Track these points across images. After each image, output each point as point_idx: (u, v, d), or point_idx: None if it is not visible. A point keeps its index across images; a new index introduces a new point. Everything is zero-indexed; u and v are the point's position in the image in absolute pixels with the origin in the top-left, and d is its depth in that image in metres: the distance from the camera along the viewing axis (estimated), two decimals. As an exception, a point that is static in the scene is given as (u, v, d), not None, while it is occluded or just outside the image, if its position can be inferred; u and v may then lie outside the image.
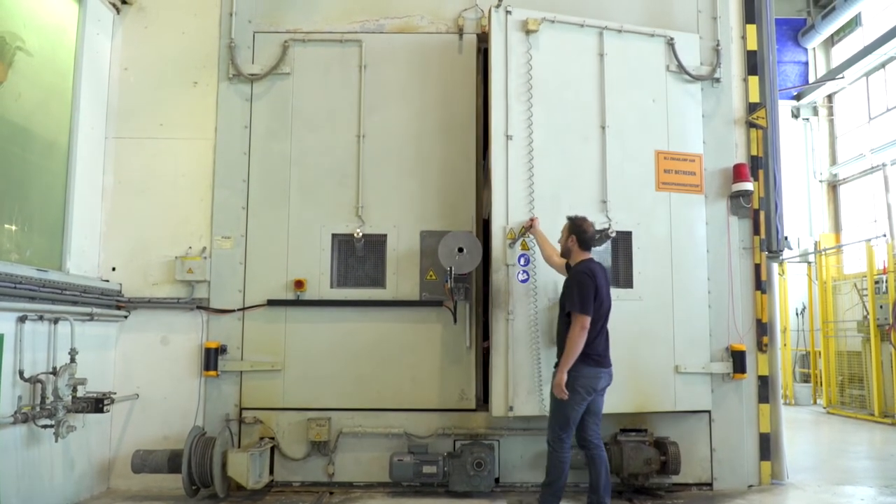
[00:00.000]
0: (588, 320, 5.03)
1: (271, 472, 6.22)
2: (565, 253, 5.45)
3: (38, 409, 4.99)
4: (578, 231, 5.34)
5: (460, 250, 6.13)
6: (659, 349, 6.21)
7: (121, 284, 6.37)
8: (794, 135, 16.97)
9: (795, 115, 17.25)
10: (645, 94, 6.50)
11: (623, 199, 6.29)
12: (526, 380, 5.81)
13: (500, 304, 5.87)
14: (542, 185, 6.06)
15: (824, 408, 13.23)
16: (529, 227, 5.80)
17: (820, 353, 14.03)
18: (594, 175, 6.26)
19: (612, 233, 6.17)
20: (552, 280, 5.89)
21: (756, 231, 6.63)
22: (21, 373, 4.91)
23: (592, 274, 5.16)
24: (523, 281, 5.92)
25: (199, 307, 6.36)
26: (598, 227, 5.85)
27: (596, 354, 5.14)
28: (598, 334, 5.17)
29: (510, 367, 5.79)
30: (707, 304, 6.43)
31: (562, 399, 5.05)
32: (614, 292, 5.59)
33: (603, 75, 6.36)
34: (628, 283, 6.26)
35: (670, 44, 6.57)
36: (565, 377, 5.03)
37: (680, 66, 6.57)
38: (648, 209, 6.36)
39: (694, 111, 6.66)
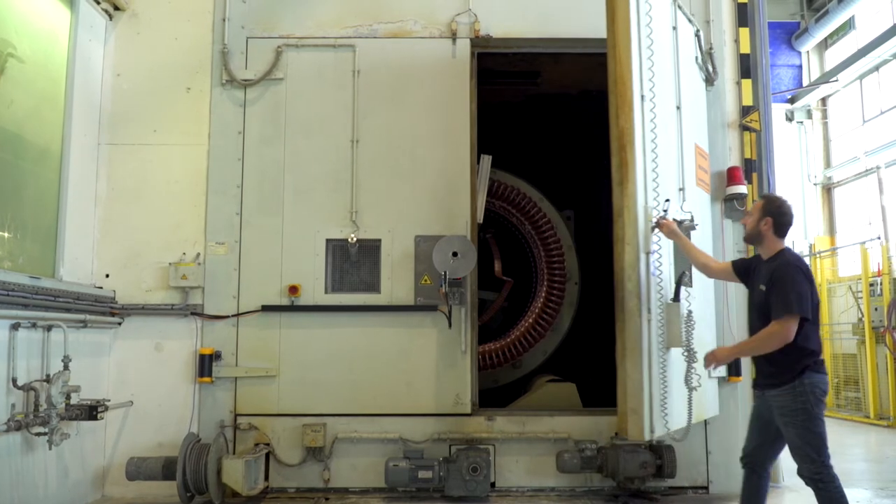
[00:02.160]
0: (794, 324, 4.15)
1: (266, 478, 6.19)
2: (752, 238, 4.53)
3: (31, 416, 4.95)
4: (777, 213, 4.40)
5: (455, 255, 6.13)
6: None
7: (114, 291, 6.35)
8: (789, 138, 17.02)
9: (789, 119, 17.30)
10: (687, 81, 6.04)
11: (687, 189, 5.79)
12: (658, 394, 4.97)
13: (644, 301, 4.93)
14: (662, 162, 5.21)
15: (820, 410, 13.23)
16: (662, 224, 4.94)
17: (816, 356, 14.03)
18: (675, 158, 5.64)
19: (696, 224, 5.42)
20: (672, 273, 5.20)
21: (750, 234, 6.62)
22: (14, 380, 4.88)
23: (807, 269, 4.32)
24: (651, 274, 5.04)
25: (193, 313, 6.34)
26: (678, 218, 5.25)
27: (821, 358, 4.32)
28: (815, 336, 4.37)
29: (653, 379, 4.91)
30: (713, 307, 6.39)
31: (805, 418, 4.16)
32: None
33: (677, 50, 5.78)
34: (689, 283, 5.58)
35: (697, 35, 6.43)
36: (734, 354, 4.56)
37: (702, 60, 6.47)
38: (692, 204, 5.93)
39: (704, 109, 6.55)
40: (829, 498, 4.14)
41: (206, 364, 6.21)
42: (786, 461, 6.68)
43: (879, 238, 12.95)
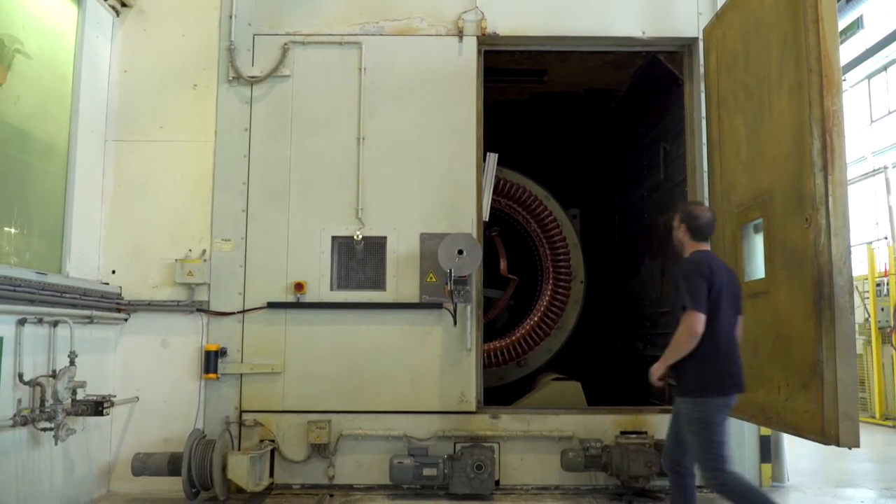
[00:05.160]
0: (701, 320, 4.18)
1: (271, 474, 6.21)
2: (679, 249, 4.64)
3: (37, 412, 4.97)
4: (688, 217, 4.50)
5: (460, 252, 6.12)
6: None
7: (121, 287, 6.36)
8: (795, 137, 16.93)
9: (796, 118, 17.21)
10: None
11: None
12: None
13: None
14: None
15: (826, 410, 13.18)
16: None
17: (821, 356, 13.99)
18: None
19: None
20: None
21: (756, 233, 6.61)
22: (21, 376, 4.90)
23: (700, 264, 4.32)
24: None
25: (199, 310, 6.35)
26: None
27: (721, 367, 4.30)
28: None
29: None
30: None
31: (699, 422, 4.23)
32: None
33: None
34: None
35: None
36: (662, 365, 4.38)
37: None
38: None
39: None
40: (732, 495, 4.23)
41: (211, 360, 6.22)
42: (790, 463, 6.69)
43: (886, 238, 12.89)
